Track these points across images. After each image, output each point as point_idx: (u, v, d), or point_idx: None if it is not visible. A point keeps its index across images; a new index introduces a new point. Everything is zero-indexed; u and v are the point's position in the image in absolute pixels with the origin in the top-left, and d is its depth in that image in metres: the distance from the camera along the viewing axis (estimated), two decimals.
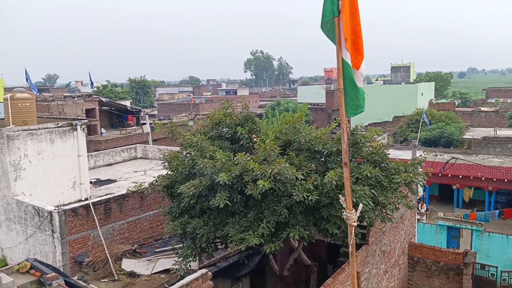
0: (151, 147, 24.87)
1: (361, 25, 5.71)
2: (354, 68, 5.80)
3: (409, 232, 16.47)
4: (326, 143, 10.11)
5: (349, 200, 6.06)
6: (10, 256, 15.03)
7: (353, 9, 5.65)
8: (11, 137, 14.22)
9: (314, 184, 8.88)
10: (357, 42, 5.75)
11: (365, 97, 6.10)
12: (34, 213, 13.25)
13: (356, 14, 5.68)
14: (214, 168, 9.11)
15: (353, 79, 5.86)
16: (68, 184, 15.65)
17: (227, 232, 9.22)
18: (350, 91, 5.93)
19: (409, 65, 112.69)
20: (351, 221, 5.94)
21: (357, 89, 5.92)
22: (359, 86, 5.93)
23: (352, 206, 6.25)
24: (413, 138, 35.03)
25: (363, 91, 6.00)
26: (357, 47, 5.75)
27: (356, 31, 5.71)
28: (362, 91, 5.99)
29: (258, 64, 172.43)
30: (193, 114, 49.87)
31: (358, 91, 5.94)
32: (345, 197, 6.10)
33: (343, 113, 6.02)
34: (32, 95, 16.36)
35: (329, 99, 55.69)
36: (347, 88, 5.93)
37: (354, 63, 5.79)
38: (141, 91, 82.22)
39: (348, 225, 6.05)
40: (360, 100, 5.99)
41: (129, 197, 14.13)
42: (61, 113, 30.86)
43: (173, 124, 12.22)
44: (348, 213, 5.98)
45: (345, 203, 6.07)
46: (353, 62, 5.78)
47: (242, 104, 12.64)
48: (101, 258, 12.39)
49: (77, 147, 15.93)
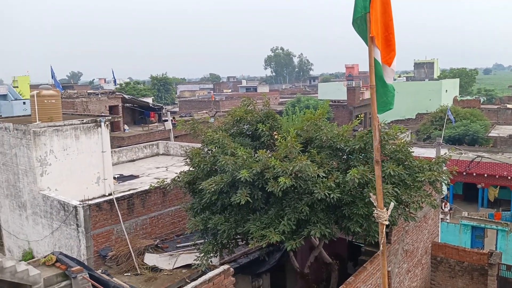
0: (173, 144, 25.13)
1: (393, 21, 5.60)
2: (385, 64, 5.70)
3: (432, 232, 16.20)
4: (348, 141, 10.01)
5: (380, 199, 5.99)
6: (36, 249, 15.44)
7: (385, 4, 5.55)
8: (38, 133, 14.58)
9: (336, 182, 8.81)
10: (389, 38, 5.64)
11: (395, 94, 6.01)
12: (60, 207, 13.57)
13: (388, 9, 5.58)
14: (235, 165, 9.15)
15: (382, 76, 5.77)
16: (93, 179, 15.97)
17: (248, 229, 9.26)
18: (379, 88, 5.85)
19: (433, 61, 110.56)
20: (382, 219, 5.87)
21: (386, 86, 5.83)
22: (389, 83, 5.83)
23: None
24: (437, 135, 34.40)
25: (392, 87, 5.91)
26: (389, 43, 5.65)
27: (388, 26, 5.60)
28: (392, 88, 5.90)
29: (278, 61, 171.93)
30: (214, 111, 50.10)
31: (387, 88, 5.85)
32: (376, 195, 6.02)
33: (375, 110, 5.93)
34: (57, 92, 16.72)
35: (351, 96, 55.04)
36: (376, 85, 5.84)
37: (385, 60, 5.69)
38: (162, 88, 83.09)
39: (379, 223, 5.97)
40: (389, 97, 5.90)
41: (152, 192, 14.32)
42: (85, 109, 31.47)
43: (194, 121, 12.32)
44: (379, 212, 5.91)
45: (376, 201, 6.00)
46: (385, 59, 5.69)
47: (262, 101, 12.64)
48: (124, 252, 12.60)
49: (101, 143, 16.23)
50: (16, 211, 16.35)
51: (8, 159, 15.97)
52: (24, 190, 15.41)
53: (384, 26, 5.59)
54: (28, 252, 15.87)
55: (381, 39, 5.60)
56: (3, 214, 17.54)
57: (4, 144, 16.07)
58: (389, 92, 5.87)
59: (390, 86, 5.86)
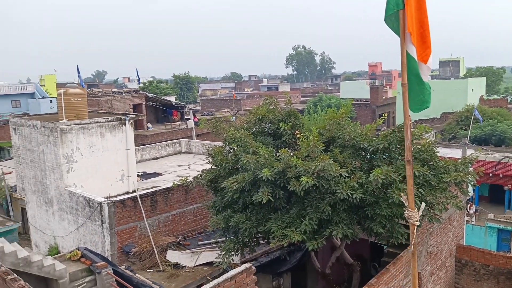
0: (195, 142, 25.35)
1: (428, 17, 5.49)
2: (421, 62, 5.59)
3: (457, 234, 15.86)
4: (371, 140, 9.89)
5: (411, 199, 5.88)
6: (62, 244, 15.82)
7: (420, 0, 5.46)
8: (64, 131, 14.93)
9: (359, 182, 8.72)
10: (425, 35, 5.53)
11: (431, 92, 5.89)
12: (85, 203, 13.87)
13: (423, 5, 5.48)
14: (257, 163, 9.16)
15: (419, 74, 5.65)
16: (117, 176, 16.25)
17: (269, 228, 9.26)
18: (415, 86, 5.73)
19: (459, 59, 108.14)
20: (413, 220, 5.77)
21: (423, 83, 5.71)
22: (425, 80, 5.72)
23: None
24: (462, 136, 33.65)
25: (429, 85, 5.78)
26: (424, 40, 5.55)
27: (423, 23, 5.50)
28: (428, 85, 5.77)
29: (300, 59, 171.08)
30: (235, 109, 50.28)
31: (423, 86, 5.73)
32: (407, 195, 5.92)
33: (407, 109, 5.82)
34: (83, 90, 17.07)
35: (374, 94, 54.35)
36: (412, 83, 5.72)
37: (421, 57, 5.58)
38: (185, 87, 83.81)
39: (410, 224, 5.87)
40: (426, 95, 5.78)
41: (174, 190, 14.49)
42: (110, 108, 32.05)
43: (217, 120, 12.39)
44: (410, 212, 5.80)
45: (407, 201, 5.90)
46: (420, 56, 5.58)
47: (284, 100, 12.61)
48: (147, 249, 12.79)
49: (126, 141, 16.50)
50: (43, 207, 16.78)
51: (35, 156, 16.41)
52: (50, 186, 15.81)
53: (419, 22, 5.48)
54: (54, 247, 16.27)
55: (416, 36, 5.49)
56: (30, 210, 18.04)
57: (32, 141, 16.51)
58: (426, 90, 5.75)
59: (426, 84, 5.73)
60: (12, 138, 18.29)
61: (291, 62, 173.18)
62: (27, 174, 17.49)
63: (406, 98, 5.78)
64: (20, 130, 17.39)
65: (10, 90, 58.37)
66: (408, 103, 5.82)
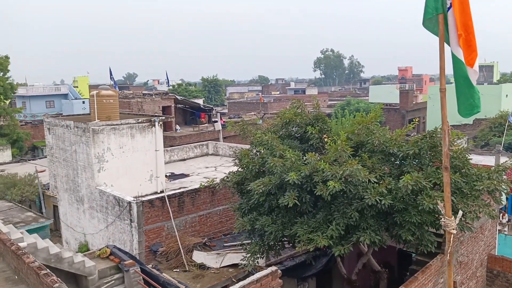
0: (222, 144, 25.54)
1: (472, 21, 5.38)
2: (468, 65, 5.46)
3: (489, 243, 15.35)
4: (401, 146, 9.71)
5: (448, 207, 5.75)
6: (92, 241, 16.22)
7: (464, 4, 5.35)
8: (96, 131, 15.33)
9: (388, 188, 8.59)
10: (469, 38, 5.41)
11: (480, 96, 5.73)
12: (115, 202, 14.18)
13: (467, 9, 5.37)
14: (284, 167, 9.14)
15: (468, 77, 5.51)
16: (146, 176, 16.55)
17: (295, 232, 9.22)
18: (465, 89, 5.58)
19: (492, 64, 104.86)
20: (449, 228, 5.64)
21: (472, 87, 5.57)
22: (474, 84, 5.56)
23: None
24: (496, 142, 32.59)
25: (477, 90, 5.63)
26: (469, 44, 5.43)
27: (468, 26, 5.39)
28: (477, 90, 5.62)
29: (328, 62, 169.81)
30: (262, 112, 50.38)
31: (473, 90, 5.58)
32: (444, 203, 5.79)
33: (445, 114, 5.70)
34: (115, 92, 17.49)
35: (403, 99, 53.35)
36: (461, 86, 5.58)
37: (467, 61, 5.45)
38: (212, 90, 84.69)
39: (447, 232, 5.74)
40: (476, 99, 5.62)
41: (201, 191, 14.64)
42: (140, 109, 32.69)
43: (244, 123, 12.44)
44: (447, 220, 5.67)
45: (443, 209, 5.78)
46: (467, 60, 5.45)
47: (312, 104, 12.55)
48: (174, 248, 12.96)
49: (155, 142, 16.80)
50: (74, 204, 17.26)
51: (68, 155, 16.91)
52: (82, 185, 16.25)
53: (464, 26, 5.37)
54: (84, 244, 16.70)
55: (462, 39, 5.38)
56: (62, 207, 18.59)
57: (65, 141, 17.03)
58: (476, 94, 5.57)
59: (476, 88, 5.57)
60: (46, 137, 18.93)
61: (319, 66, 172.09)
62: (60, 173, 18.04)
63: (444, 104, 5.66)
64: (54, 130, 17.97)
65: (45, 91, 60.35)
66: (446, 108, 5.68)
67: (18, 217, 19.61)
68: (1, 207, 21.08)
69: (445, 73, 5.81)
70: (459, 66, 5.50)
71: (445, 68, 5.55)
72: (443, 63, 5.53)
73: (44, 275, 6.81)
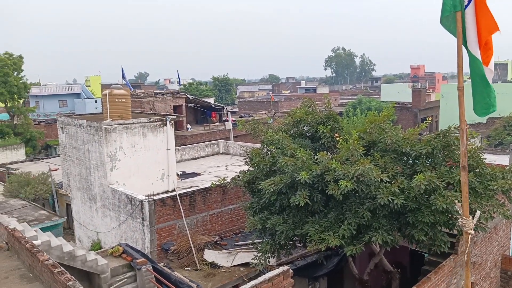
0: (233, 143, 25.59)
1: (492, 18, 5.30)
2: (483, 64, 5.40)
3: (503, 244, 15.14)
4: (414, 145, 9.61)
5: (466, 207, 5.68)
6: (104, 240, 16.37)
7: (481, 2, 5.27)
8: (109, 130, 15.46)
9: (400, 188, 8.50)
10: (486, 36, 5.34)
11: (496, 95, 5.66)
12: (127, 201, 14.29)
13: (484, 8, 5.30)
14: (295, 166, 9.11)
15: (484, 76, 5.44)
16: (157, 175, 16.66)
17: (307, 231, 9.19)
18: (481, 88, 5.52)
19: (507, 62, 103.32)
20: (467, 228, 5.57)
21: (489, 86, 5.50)
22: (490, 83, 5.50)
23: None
24: (510, 141, 32.10)
25: (494, 88, 5.56)
26: (486, 42, 5.36)
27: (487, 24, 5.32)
28: (493, 88, 5.55)
29: (339, 61, 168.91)
30: (273, 111, 50.32)
31: (490, 89, 5.52)
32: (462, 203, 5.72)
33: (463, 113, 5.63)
34: (127, 91, 17.62)
35: (416, 98, 52.79)
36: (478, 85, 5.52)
37: (483, 59, 5.39)
38: (223, 89, 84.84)
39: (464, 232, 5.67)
40: (492, 98, 5.56)
41: (212, 190, 14.68)
42: (151, 109, 32.90)
43: (255, 122, 12.44)
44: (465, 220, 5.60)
45: (461, 209, 5.70)
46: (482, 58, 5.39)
47: (323, 102, 12.49)
48: (185, 247, 13.02)
49: (166, 141, 16.90)
50: (87, 203, 17.44)
51: (81, 154, 17.09)
52: (94, 183, 16.41)
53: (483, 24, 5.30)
54: (96, 242, 16.86)
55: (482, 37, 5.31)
56: (75, 206, 18.79)
57: (78, 140, 17.21)
58: (492, 93, 5.52)
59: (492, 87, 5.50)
60: (59, 136, 19.15)
61: (330, 64, 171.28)
62: (73, 171, 18.23)
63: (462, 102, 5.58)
64: (67, 129, 18.17)
65: (58, 91, 60.99)
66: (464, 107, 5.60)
67: (32, 215, 19.90)
68: (15, 205, 21.41)
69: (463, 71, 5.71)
70: (476, 65, 5.42)
71: (463, 66, 5.45)
72: (461, 61, 5.45)
73: (58, 273, 6.89)
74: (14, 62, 37.37)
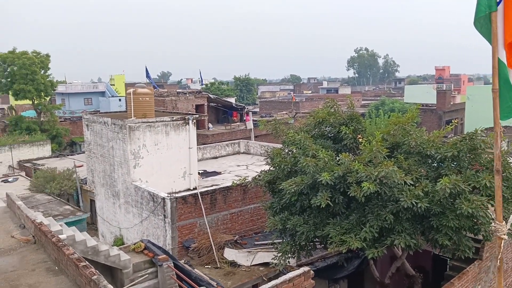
0: (253, 143, 25.63)
1: None
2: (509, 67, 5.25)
3: None
4: (439, 147, 9.44)
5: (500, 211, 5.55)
6: (127, 235, 16.65)
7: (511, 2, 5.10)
8: (133, 128, 15.71)
9: (424, 191, 8.37)
10: None
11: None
12: (149, 198, 14.50)
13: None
14: (317, 167, 9.06)
15: (508, 80, 5.29)
16: (179, 173, 16.84)
17: (327, 233, 9.13)
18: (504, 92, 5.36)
19: None
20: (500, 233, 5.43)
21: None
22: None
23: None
24: None
25: None
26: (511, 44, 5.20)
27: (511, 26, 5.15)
28: None
29: (362, 61, 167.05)
30: (294, 112, 50.16)
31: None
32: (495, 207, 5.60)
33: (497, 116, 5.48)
34: (151, 90, 17.86)
35: (441, 99, 51.75)
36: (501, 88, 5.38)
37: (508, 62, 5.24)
38: (245, 89, 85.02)
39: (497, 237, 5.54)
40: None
41: (233, 189, 14.74)
42: (174, 108, 33.25)
43: (277, 122, 12.42)
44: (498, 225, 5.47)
45: (494, 213, 5.58)
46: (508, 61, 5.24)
47: (345, 103, 12.39)
48: (206, 245, 13.13)
49: (189, 139, 17.07)
50: (110, 199, 17.77)
51: (105, 151, 17.41)
52: (118, 180, 16.70)
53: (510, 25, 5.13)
54: (119, 238, 17.15)
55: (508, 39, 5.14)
56: (98, 202, 19.16)
57: (103, 137, 17.54)
58: None
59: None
60: (85, 133, 19.56)
61: (352, 65, 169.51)
62: (97, 168, 18.60)
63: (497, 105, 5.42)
64: (92, 126, 18.55)
65: (83, 89, 62.28)
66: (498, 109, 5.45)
67: (57, 210, 20.37)
68: (41, 200, 21.97)
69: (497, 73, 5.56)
70: (501, 68, 5.26)
71: (497, 67, 5.30)
72: (496, 62, 5.29)
73: (83, 267, 7.05)
74: (41, 61, 38.30)
